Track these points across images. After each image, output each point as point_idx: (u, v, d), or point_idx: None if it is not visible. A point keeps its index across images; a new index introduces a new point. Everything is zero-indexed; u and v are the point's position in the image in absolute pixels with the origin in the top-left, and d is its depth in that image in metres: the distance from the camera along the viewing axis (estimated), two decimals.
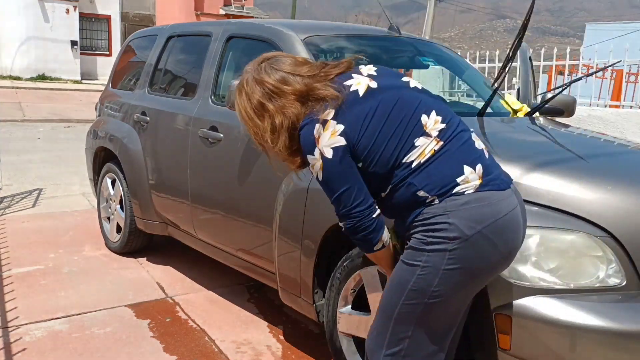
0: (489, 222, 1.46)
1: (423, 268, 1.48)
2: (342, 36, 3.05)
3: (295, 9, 21.84)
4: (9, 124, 10.85)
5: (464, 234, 1.45)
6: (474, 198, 1.47)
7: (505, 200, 1.51)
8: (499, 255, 1.50)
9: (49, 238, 4.19)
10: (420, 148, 1.50)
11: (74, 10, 19.55)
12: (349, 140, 1.50)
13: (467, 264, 1.47)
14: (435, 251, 1.47)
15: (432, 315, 1.53)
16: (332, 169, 1.51)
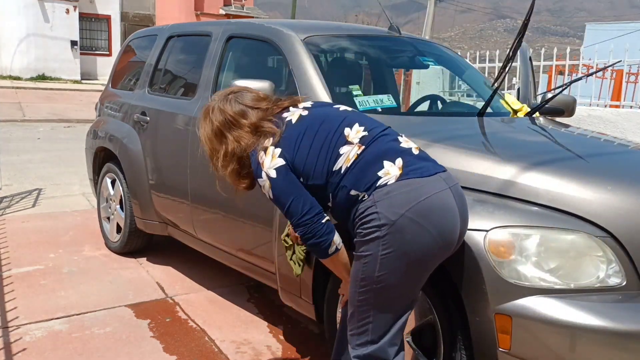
0: (411, 205, 1.59)
1: (365, 257, 1.64)
2: (342, 36, 3.05)
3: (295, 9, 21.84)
4: (9, 124, 10.85)
5: (389, 220, 1.59)
6: (396, 186, 1.62)
7: (429, 184, 1.64)
8: (429, 236, 1.61)
9: (49, 238, 4.19)
10: (345, 155, 1.70)
11: (74, 10, 19.55)
12: (287, 159, 1.74)
13: (400, 248, 1.60)
14: (371, 240, 1.62)
15: (384, 298, 1.66)
16: (278, 186, 1.73)
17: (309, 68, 2.60)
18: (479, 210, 1.84)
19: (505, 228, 1.78)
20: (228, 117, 1.81)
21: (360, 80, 3.04)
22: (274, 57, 3.12)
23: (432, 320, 1.96)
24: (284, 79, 2.94)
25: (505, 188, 1.92)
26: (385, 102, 2.64)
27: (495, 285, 1.74)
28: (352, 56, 3.15)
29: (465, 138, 2.33)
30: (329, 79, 2.59)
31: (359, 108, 2.50)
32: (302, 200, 1.72)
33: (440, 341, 1.94)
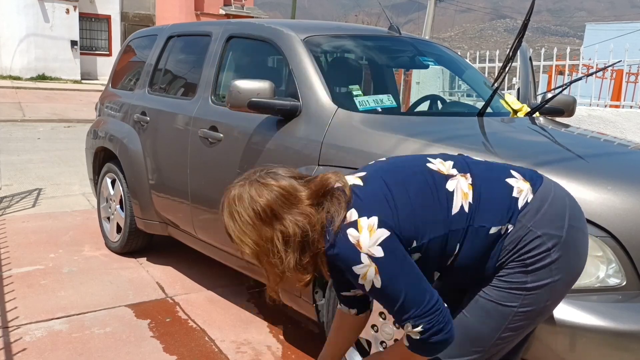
0: (567, 212, 1.41)
1: (530, 290, 1.39)
2: (342, 36, 3.05)
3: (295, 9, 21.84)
4: (9, 124, 10.85)
5: (558, 237, 1.38)
6: (538, 201, 1.41)
7: (555, 187, 1.47)
8: (586, 239, 1.46)
9: (49, 238, 4.19)
10: (457, 191, 1.40)
11: (74, 10, 19.55)
12: (391, 226, 1.33)
13: (572, 264, 1.41)
14: (541, 268, 1.38)
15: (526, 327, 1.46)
16: (390, 267, 1.31)
17: (309, 68, 2.60)
18: None
19: None
20: (277, 191, 1.35)
21: (360, 80, 3.04)
22: (274, 57, 3.12)
23: None
24: (284, 79, 2.94)
25: None
26: (385, 102, 2.64)
27: None
28: (352, 56, 3.15)
29: (465, 138, 2.33)
30: (329, 79, 2.59)
31: (359, 108, 2.50)
32: (422, 283, 1.35)
33: None
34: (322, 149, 2.37)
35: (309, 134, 2.45)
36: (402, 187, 1.38)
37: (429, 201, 1.37)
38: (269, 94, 2.50)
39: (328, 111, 2.45)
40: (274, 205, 1.34)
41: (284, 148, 2.54)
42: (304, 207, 1.35)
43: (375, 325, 2.15)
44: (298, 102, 2.54)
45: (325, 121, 2.42)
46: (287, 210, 1.34)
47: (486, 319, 1.43)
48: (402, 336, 1.43)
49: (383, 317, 2.11)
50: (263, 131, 2.66)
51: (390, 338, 2.10)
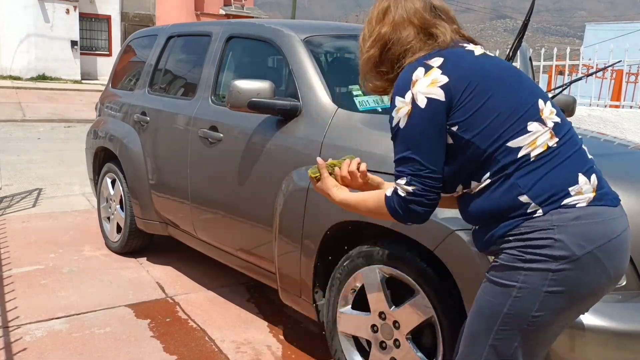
0: (602, 242, 1.26)
1: (520, 290, 1.28)
2: (342, 36, 3.05)
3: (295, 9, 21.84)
4: (9, 124, 10.85)
5: (573, 254, 1.24)
6: (586, 213, 1.27)
7: (619, 219, 1.32)
8: (606, 279, 1.30)
9: (49, 238, 4.19)
10: (532, 135, 1.28)
11: (74, 10, 19.54)
12: (449, 98, 1.30)
13: (573, 288, 1.27)
14: (535, 270, 1.26)
15: (531, 342, 1.32)
16: (420, 121, 1.31)
17: (309, 68, 2.60)
18: None
19: None
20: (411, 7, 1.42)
21: None
22: (274, 57, 3.12)
23: (432, 320, 1.96)
24: (284, 79, 2.94)
25: None
26: (386, 102, 2.64)
27: None
28: (352, 56, 3.14)
29: None
30: (329, 79, 2.59)
31: (359, 108, 2.50)
32: (437, 155, 1.32)
33: (440, 341, 1.94)
34: (322, 149, 2.37)
35: (309, 134, 2.45)
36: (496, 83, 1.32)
37: (504, 115, 1.29)
38: (269, 94, 2.50)
39: (328, 111, 2.45)
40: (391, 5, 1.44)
41: (284, 148, 2.54)
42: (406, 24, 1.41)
43: (375, 325, 2.15)
44: (298, 102, 2.54)
45: (325, 121, 2.42)
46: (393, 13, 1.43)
47: (483, 300, 1.37)
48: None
49: (383, 317, 2.12)
50: (263, 131, 2.66)
51: (390, 338, 2.10)
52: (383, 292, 2.10)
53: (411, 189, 1.33)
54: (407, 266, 2.00)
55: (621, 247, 1.30)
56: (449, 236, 1.83)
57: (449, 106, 1.31)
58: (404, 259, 2.01)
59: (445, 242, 1.84)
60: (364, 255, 2.14)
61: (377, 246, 2.11)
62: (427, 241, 1.90)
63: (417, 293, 1.99)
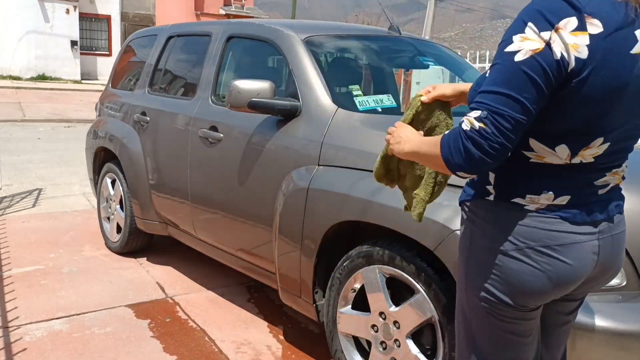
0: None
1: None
2: (342, 36, 3.05)
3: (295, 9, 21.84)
4: (9, 124, 10.85)
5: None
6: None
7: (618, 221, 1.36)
8: (569, 270, 1.29)
9: (49, 238, 4.19)
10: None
11: (74, 10, 19.54)
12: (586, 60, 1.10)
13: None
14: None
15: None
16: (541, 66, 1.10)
17: (309, 68, 2.60)
18: None
19: None
20: None
21: (360, 80, 3.04)
22: (274, 57, 3.12)
23: (432, 320, 1.96)
24: (284, 79, 2.94)
25: None
26: (385, 102, 2.64)
27: None
28: (352, 56, 3.15)
29: None
30: (329, 79, 2.59)
31: (359, 108, 2.50)
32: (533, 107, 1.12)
33: (440, 341, 1.94)
34: (322, 149, 2.37)
35: (309, 134, 2.45)
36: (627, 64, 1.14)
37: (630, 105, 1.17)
38: (269, 94, 2.50)
39: (328, 111, 2.45)
40: None
41: (284, 148, 2.54)
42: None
43: (376, 325, 2.15)
44: (298, 102, 2.54)
45: (325, 121, 2.42)
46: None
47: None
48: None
49: (383, 317, 2.12)
50: (263, 131, 2.66)
51: (390, 338, 2.10)
52: (383, 292, 2.10)
53: (479, 125, 1.12)
54: (407, 266, 2.00)
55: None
56: (449, 236, 1.83)
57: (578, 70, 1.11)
58: (404, 258, 2.01)
59: (445, 242, 1.84)
60: (364, 255, 2.14)
61: (377, 246, 2.11)
62: (427, 241, 1.90)
63: (417, 293, 1.99)
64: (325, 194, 2.26)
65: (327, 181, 2.28)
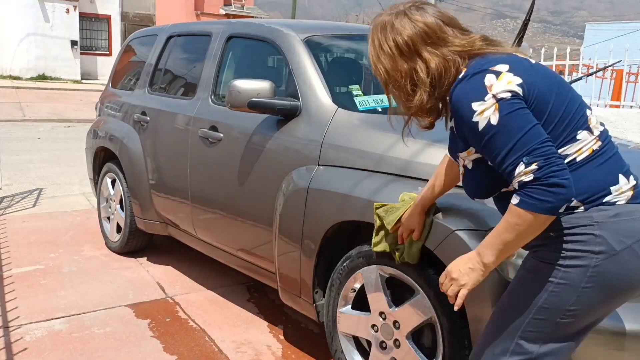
0: (639, 237, 1.30)
1: (558, 285, 1.32)
2: (342, 36, 3.05)
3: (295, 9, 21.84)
4: (9, 124, 10.85)
5: (612, 249, 1.28)
6: (625, 210, 1.31)
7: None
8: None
9: (49, 238, 4.19)
10: (580, 143, 1.32)
11: (74, 10, 19.55)
12: (525, 95, 1.29)
13: (611, 282, 1.30)
14: (576, 266, 1.30)
15: (562, 332, 1.35)
16: (512, 107, 1.27)
17: (309, 68, 2.60)
18: (479, 210, 1.83)
19: None
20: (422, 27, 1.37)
21: (360, 80, 3.03)
22: (274, 57, 3.12)
23: (432, 320, 1.96)
24: (284, 78, 2.94)
25: None
26: (385, 102, 2.64)
27: (495, 284, 1.74)
28: (352, 56, 3.15)
29: None
30: (329, 79, 2.59)
31: (359, 108, 2.50)
32: (545, 133, 1.27)
33: (440, 341, 1.94)
34: (322, 148, 2.37)
35: (309, 134, 2.45)
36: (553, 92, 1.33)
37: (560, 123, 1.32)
38: (269, 93, 2.50)
39: (328, 111, 2.45)
40: (415, 39, 1.37)
41: (284, 148, 2.54)
42: (448, 51, 1.37)
43: (376, 325, 2.15)
44: (298, 102, 2.54)
45: (325, 121, 2.42)
46: (429, 48, 1.37)
47: (518, 291, 1.39)
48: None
49: (383, 317, 2.12)
50: (263, 131, 2.66)
51: (390, 338, 2.10)
52: (383, 292, 2.10)
53: (535, 166, 1.23)
54: (407, 266, 2.00)
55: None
56: (449, 236, 1.83)
57: (525, 99, 1.29)
58: None
59: (446, 242, 1.84)
60: (364, 255, 2.14)
61: None
62: (428, 241, 1.90)
63: (417, 293, 1.98)
64: (325, 194, 2.26)
65: (327, 181, 2.28)
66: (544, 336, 1.35)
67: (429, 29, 1.37)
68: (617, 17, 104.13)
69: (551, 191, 1.22)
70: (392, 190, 2.05)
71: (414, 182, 2.03)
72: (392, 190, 2.05)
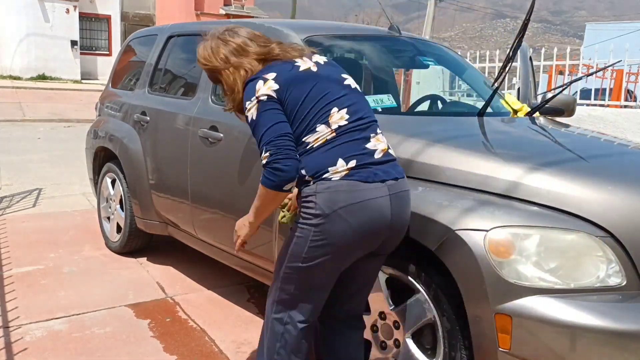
0: (345, 203, 1.71)
1: (298, 237, 1.77)
2: (342, 36, 3.05)
3: (295, 9, 21.83)
4: (9, 124, 10.86)
5: (324, 212, 1.71)
6: (337, 184, 1.73)
7: (369, 191, 1.74)
8: (353, 232, 1.72)
9: (49, 238, 4.19)
10: (318, 134, 1.77)
11: (74, 10, 19.55)
12: (279, 96, 1.79)
13: (328, 237, 1.72)
14: (307, 225, 1.74)
15: (306, 278, 1.81)
16: (265, 107, 1.77)
17: None
18: (479, 210, 1.84)
19: (505, 228, 1.78)
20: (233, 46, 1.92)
21: (360, 80, 3.03)
22: None
23: (432, 320, 1.96)
24: None
25: (505, 188, 1.92)
26: (385, 102, 2.64)
27: (495, 285, 1.74)
28: (352, 56, 3.15)
29: (466, 138, 2.33)
30: None
31: None
32: (286, 128, 1.76)
33: (440, 341, 1.94)
34: None
35: None
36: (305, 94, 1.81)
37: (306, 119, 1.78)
38: None
39: None
40: (228, 55, 1.91)
41: None
42: (249, 60, 1.89)
43: (375, 325, 2.15)
44: None
45: None
46: (238, 58, 1.89)
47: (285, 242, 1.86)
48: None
49: (383, 317, 2.12)
50: None
51: (390, 338, 2.10)
52: (383, 292, 2.10)
53: (268, 154, 1.71)
54: (407, 266, 2.00)
55: (365, 209, 1.72)
56: (450, 236, 1.83)
57: (280, 100, 1.79)
58: (404, 258, 2.01)
59: (446, 242, 1.84)
60: None
61: None
62: (428, 241, 1.90)
63: (417, 293, 1.99)
64: None
65: None
66: (295, 281, 1.81)
67: (238, 45, 1.92)
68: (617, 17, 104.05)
69: (275, 173, 1.70)
70: None
71: (414, 182, 2.03)
72: None
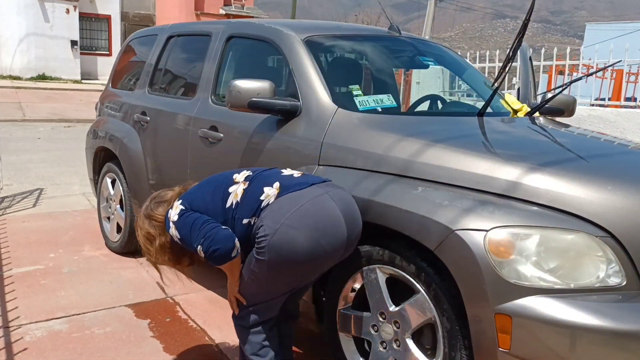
0: (289, 212, 1.89)
1: (258, 261, 1.94)
2: (342, 36, 3.05)
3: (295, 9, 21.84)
4: (9, 124, 10.86)
5: (272, 229, 1.88)
6: (276, 202, 1.94)
7: (305, 193, 1.94)
8: (305, 238, 1.88)
9: (49, 238, 4.19)
10: (233, 193, 2.03)
11: (74, 10, 19.55)
12: (185, 205, 2.04)
13: (281, 250, 1.88)
14: (261, 248, 1.90)
15: (264, 291, 2.03)
16: (181, 223, 2.00)
17: (309, 68, 2.60)
18: (479, 210, 1.84)
19: (505, 228, 1.78)
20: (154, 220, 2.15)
21: (360, 80, 3.03)
22: (274, 57, 3.12)
23: (432, 320, 1.96)
24: (284, 79, 2.94)
25: (505, 188, 1.92)
26: (385, 102, 2.64)
27: (495, 285, 1.74)
28: (352, 56, 3.15)
29: (466, 138, 2.33)
30: (329, 79, 2.59)
31: (359, 108, 2.50)
32: (203, 218, 1.98)
33: (440, 341, 1.94)
34: (322, 148, 2.37)
35: (309, 134, 2.45)
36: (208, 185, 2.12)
37: (217, 194, 2.05)
38: (269, 93, 2.50)
39: (328, 111, 2.45)
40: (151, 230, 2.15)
41: (284, 148, 2.54)
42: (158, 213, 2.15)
43: (376, 325, 2.15)
44: (298, 102, 2.54)
45: (325, 121, 2.42)
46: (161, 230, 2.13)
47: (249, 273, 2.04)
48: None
49: (383, 317, 2.12)
50: (263, 131, 2.66)
51: (390, 338, 2.10)
52: (383, 292, 2.10)
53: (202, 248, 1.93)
54: (407, 266, 2.00)
55: (312, 207, 1.91)
56: (449, 236, 1.83)
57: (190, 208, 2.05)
58: (404, 258, 2.01)
59: (446, 242, 1.84)
60: (364, 255, 2.14)
61: (377, 246, 2.11)
62: (428, 241, 1.90)
63: (417, 293, 1.99)
64: None
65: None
66: (253, 290, 2.03)
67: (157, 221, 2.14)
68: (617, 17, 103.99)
69: (214, 256, 1.93)
70: (392, 190, 2.05)
71: (414, 182, 2.03)
72: (393, 191, 2.05)
